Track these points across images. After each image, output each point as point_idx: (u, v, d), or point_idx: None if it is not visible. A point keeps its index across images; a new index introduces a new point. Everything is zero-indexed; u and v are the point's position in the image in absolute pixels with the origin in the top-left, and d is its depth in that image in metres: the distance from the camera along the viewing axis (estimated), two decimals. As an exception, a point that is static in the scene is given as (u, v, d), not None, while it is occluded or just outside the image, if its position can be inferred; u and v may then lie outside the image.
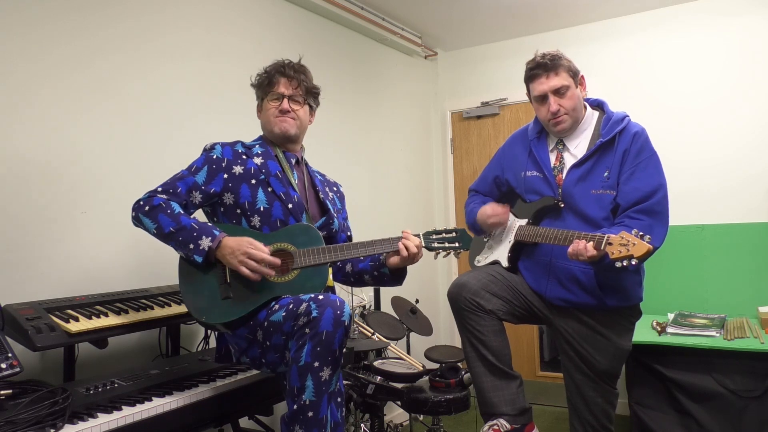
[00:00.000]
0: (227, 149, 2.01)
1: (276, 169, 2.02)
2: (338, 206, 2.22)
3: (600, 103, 2.29)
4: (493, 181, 2.45)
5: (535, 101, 2.23)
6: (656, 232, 2.03)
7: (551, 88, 2.15)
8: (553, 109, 2.14)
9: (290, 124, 2.04)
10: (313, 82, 2.12)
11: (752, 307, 3.42)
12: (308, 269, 1.89)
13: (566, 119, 2.17)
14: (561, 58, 2.18)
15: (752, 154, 3.59)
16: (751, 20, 3.62)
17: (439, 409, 2.41)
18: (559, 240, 2.05)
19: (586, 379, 2.19)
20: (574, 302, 2.15)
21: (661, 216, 2.07)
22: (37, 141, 2.07)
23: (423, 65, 4.52)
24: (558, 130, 2.20)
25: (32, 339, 1.67)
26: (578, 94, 2.19)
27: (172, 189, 1.91)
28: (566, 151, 2.22)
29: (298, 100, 2.06)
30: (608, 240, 1.88)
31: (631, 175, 2.09)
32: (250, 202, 1.95)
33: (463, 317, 2.16)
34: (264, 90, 2.07)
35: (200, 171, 1.95)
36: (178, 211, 1.86)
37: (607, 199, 2.11)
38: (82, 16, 2.23)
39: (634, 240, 1.83)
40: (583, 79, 2.23)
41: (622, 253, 1.84)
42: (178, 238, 1.82)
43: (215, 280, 1.85)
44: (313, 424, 1.65)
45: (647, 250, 1.80)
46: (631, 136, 2.13)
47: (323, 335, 1.65)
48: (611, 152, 2.12)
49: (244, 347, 1.88)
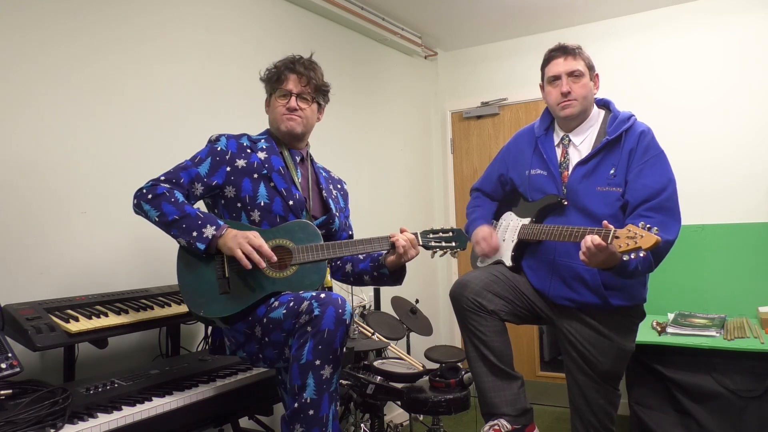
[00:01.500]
0: (232, 142, 2.00)
1: (279, 165, 2.01)
2: (341, 205, 2.22)
3: (606, 103, 2.28)
4: (498, 180, 2.44)
5: (547, 83, 2.23)
6: (669, 226, 2.01)
7: (567, 70, 2.16)
8: (564, 90, 2.14)
9: (297, 122, 2.02)
10: (323, 80, 2.10)
11: (752, 307, 3.42)
12: (306, 266, 1.89)
13: (575, 104, 2.16)
14: (582, 50, 2.22)
15: (752, 153, 3.59)
16: (751, 20, 3.62)
17: (439, 409, 2.40)
18: (564, 236, 2.02)
19: (589, 380, 2.18)
20: (578, 301, 2.14)
21: (672, 212, 2.05)
22: (36, 141, 2.07)
23: (423, 65, 4.52)
24: (565, 114, 2.17)
25: (32, 339, 1.66)
26: (591, 87, 2.19)
27: (175, 179, 1.91)
28: (571, 146, 2.21)
29: (306, 98, 2.04)
30: (615, 233, 1.83)
31: (640, 173, 2.07)
32: (251, 196, 1.95)
33: (465, 317, 2.16)
34: (272, 85, 2.06)
35: (203, 162, 1.95)
36: (182, 200, 1.86)
37: (613, 196, 2.09)
38: (82, 16, 2.23)
39: (641, 232, 1.77)
40: (598, 77, 2.24)
41: (629, 246, 1.78)
42: (181, 226, 1.81)
43: (214, 274, 1.85)
44: (314, 422, 1.65)
45: (655, 241, 1.74)
46: (638, 135, 2.12)
47: (325, 333, 1.65)
48: (617, 150, 2.12)
49: (242, 342, 1.88)
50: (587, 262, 1.92)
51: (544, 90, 2.26)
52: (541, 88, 2.30)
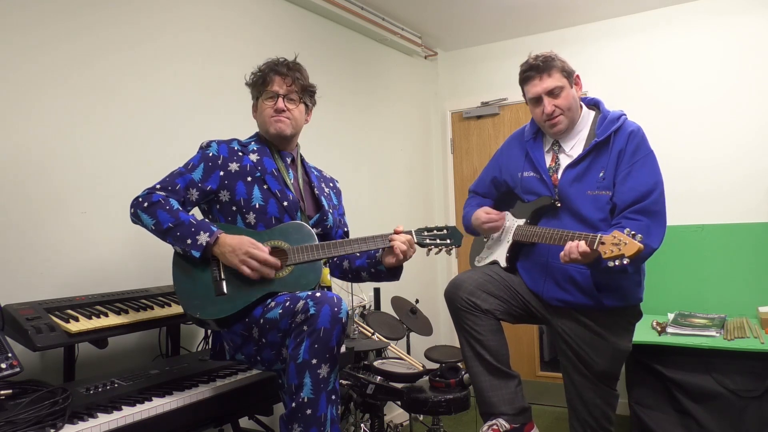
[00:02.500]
0: (223, 146, 2.01)
1: (272, 167, 2.02)
2: (334, 202, 2.22)
3: (596, 102, 2.28)
4: (491, 182, 2.45)
5: (530, 103, 2.23)
6: (654, 232, 2.02)
7: (545, 90, 2.14)
8: (548, 111, 2.14)
9: (286, 124, 2.03)
10: (309, 80, 2.10)
11: (752, 307, 3.42)
12: (302, 265, 1.89)
13: (562, 120, 2.16)
14: (554, 59, 2.17)
15: (752, 153, 3.59)
16: (751, 20, 3.61)
17: (439, 409, 2.40)
18: (554, 240, 2.04)
19: (585, 380, 2.19)
20: (572, 303, 2.15)
21: (658, 216, 2.06)
22: (37, 141, 2.07)
23: (423, 65, 4.52)
24: (554, 131, 2.19)
25: (32, 339, 1.67)
26: (573, 94, 2.17)
27: (170, 186, 1.91)
28: (562, 152, 2.22)
29: (293, 99, 2.04)
30: (601, 239, 1.88)
31: (627, 175, 2.08)
32: (245, 199, 1.95)
33: (459, 317, 2.16)
34: (258, 89, 2.06)
35: (197, 168, 1.96)
36: (176, 208, 1.86)
37: (603, 200, 2.10)
38: (83, 17, 2.23)
39: (625, 239, 1.82)
40: (578, 78, 2.22)
41: (614, 252, 1.84)
42: (176, 234, 1.82)
43: (209, 276, 1.85)
44: (312, 421, 1.65)
45: (638, 249, 1.80)
46: (627, 135, 2.12)
47: (321, 332, 1.65)
48: (606, 152, 2.12)
49: (239, 344, 1.88)
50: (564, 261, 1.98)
51: (528, 106, 2.26)
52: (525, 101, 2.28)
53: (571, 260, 1.95)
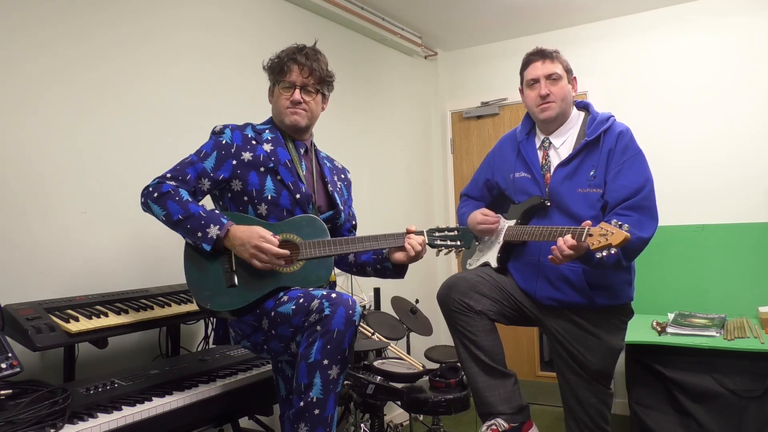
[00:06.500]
0: (237, 134, 1.98)
1: (285, 158, 1.98)
2: (345, 197, 2.20)
3: (586, 105, 2.32)
4: (484, 185, 2.46)
5: (526, 86, 2.26)
6: (645, 225, 2.05)
7: (545, 73, 2.19)
8: (543, 93, 2.18)
9: (302, 116, 2.00)
10: (327, 69, 2.05)
11: (752, 307, 3.42)
12: (313, 261, 1.88)
13: (554, 106, 2.19)
14: (560, 54, 2.25)
15: (752, 153, 3.59)
16: (751, 20, 3.62)
17: (439, 409, 2.40)
18: (544, 236, 2.06)
19: (579, 380, 2.19)
20: (564, 301, 2.16)
21: (648, 210, 2.09)
22: (37, 141, 2.07)
23: (423, 65, 4.52)
24: (545, 116, 2.20)
25: (32, 339, 1.67)
26: (569, 90, 2.23)
27: (181, 176, 1.89)
28: (552, 149, 2.24)
29: (311, 90, 2.01)
30: (588, 231, 1.90)
31: (618, 173, 2.11)
32: (258, 189, 1.94)
33: (453, 319, 2.16)
34: (276, 77, 2.02)
35: (209, 157, 1.93)
36: (186, 199, 1.84)
37: (594, 197, 2.12)
38: (83, 18, 2.23)
39: (612, 229, 1.84)
40: (575, 80, 2.28)
41: (601, 243, 1.85)
42: (186, 226, 1.81)
43: (220, 267, 1.84)
44: (319, 422, 1.65)
45: (624, 237, 1.81)
46: (616, 135, 2.15)
47: (334, 333, 1.65)
48: (596, 152, 2.15)
49: (248, 333, 1.88)
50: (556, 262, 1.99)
51: (523, 93, 2.30)
52: (520, 92, 2.33)
53: (563, 258, 1.95)
